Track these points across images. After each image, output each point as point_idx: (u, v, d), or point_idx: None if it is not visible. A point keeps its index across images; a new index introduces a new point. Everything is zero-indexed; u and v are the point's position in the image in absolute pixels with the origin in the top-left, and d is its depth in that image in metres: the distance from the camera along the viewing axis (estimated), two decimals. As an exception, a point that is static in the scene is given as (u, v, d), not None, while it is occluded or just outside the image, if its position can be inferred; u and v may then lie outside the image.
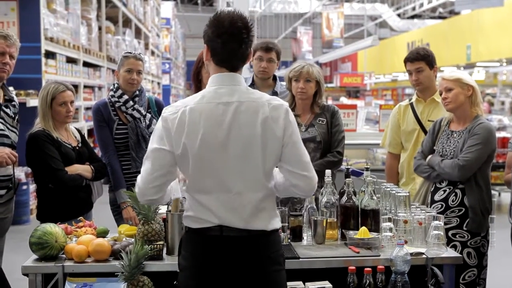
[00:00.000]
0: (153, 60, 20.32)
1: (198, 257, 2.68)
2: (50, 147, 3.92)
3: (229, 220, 2.63)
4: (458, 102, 3.89)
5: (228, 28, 2.63)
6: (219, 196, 2.63)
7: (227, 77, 2.69)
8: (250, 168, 2.63)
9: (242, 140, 2.61)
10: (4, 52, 3.89)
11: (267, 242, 2.69)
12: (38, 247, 3.17)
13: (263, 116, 2.61)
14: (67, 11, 10.06)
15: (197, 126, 2.59)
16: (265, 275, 2.67)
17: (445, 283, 3.17)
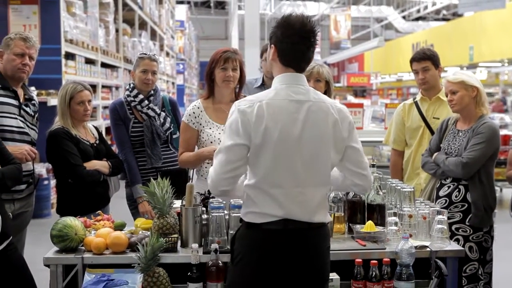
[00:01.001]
0: (168, 61, 20.35)
1: (258, 251, 2.66)
2: (69, 144, 3.93)
3: (295, 213, 2.64)
4: (463, 104, 3.89)
5: (299, 30, 2.64)
6: (290, 190, 2.63)
7: (296, 77, 2.70)
8: (321, 165, 2.67)
9: (316, 138, 2.63)
10: (23, 54, 3.91)
11: (325, 233, 2.76)
12: (59, 239, 3.18)
13: (333, 117, 2.66)
14: (86, 14, 10.09)
15: (275, 120, 2.59)
16: (324, 264, 2.74)
17: (448, 275, 3.15)
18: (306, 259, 2.68)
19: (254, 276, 2.68)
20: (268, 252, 2.65)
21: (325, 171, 2.70)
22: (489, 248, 3.96)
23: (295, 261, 2.66)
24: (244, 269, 2.71)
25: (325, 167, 2.69)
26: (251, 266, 2.68)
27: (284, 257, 2.65)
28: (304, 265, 2.68)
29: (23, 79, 4.01)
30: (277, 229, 2.63)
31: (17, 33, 4.02)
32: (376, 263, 3.11)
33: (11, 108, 3.87)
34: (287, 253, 2.65)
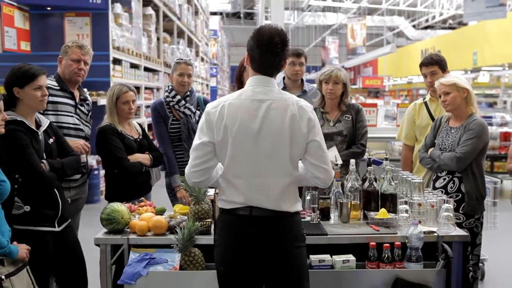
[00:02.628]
0: (202, 66, 20.41)
1: (230, 234, 2.68)
2: (115, 139, 3.96)
3: (257, 201, 2.62)
4: (455, 104, 3.87)
5: (266, 42, 2.62)
6: (250, 180, 2.62)
7: (263, 79, 2.68)
8: (280, 157, 2.62)
9: (272, 133, 2.60)
10: (79, 60, 3.95)
11: (292, 222, 2.68)
12: (107, 222, 3.22)
13: (291, 114, 2.61)
14: (131, 25, 10.16)
15: (234, 118, 2.59)
16: (290, 249, 2.66)
17: (453, 257, 3.13)
18: (271, 244, 2.63)
19: (226, 256, 2.68)
20: (237, 235, 2.65)
21: (284, 163, 2.63)
22: (479, 233, 3.95)
23: (262, 245, 2.63)
24: (219, 250, 2.72)
25: (284, 158, 2.62)
26: (224, 247, 2.69)
27: (251, 240, 2.63)
28: (270, 249, 2.63)
29: (79, 82, 4.04)
30: (244, 215, 2.63)
31: (74, 42, 4.05)
32: (388, 246, 3.10)
33: (69, 108, 3.91)
34: (254, 237, 2.62)
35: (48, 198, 3.27)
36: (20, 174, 3.18)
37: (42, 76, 3.28)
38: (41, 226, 3.23)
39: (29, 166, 3.16)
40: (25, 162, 3.15)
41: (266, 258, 2.64)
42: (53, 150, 3.36)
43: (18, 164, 3.15)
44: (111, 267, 3.16)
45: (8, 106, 3.18)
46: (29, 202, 3.19)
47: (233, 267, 2.67)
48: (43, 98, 3.28)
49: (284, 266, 2.65)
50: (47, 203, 3.26)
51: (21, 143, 3.15)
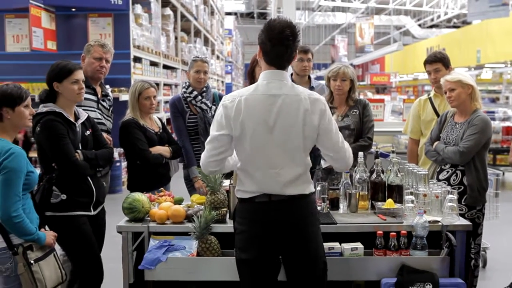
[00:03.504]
0: (218, 63, 20.41)
1: (250, 221, 2.68)
2: (138, 132, 3.98)
3: (273, 190, 2.62)
4: (460, 100, 3.84)
5: (277, 34, 2.59)
6: (267, 171, 2.62)
7: (276, 73, 2.66)
8: (292, 149, 2.62)
9: (286, 127, 2.59)
10: (101, 58, 3.97)
11: (306, 202, 2.70)
12: (129, 211, 3.24)
13: (304, 108, 2.60)
14: (151, 25, 10.18)
15: (251, 114, 2.59)
16: (306, 227, 2.68)
17: (457, 246, 3.11)
18: (290, 225, 2.65)
19: (247, 243, 2.69)
20: (256, 222, 2.66)
21: (297, 154, 2.64)
22: (480, 223, 3.92)
23: (279, 227, 2.64)
24: (239, 238, 2.73)
25: (297, 150, 2.63)
26: (244, 234, 2.70)
27: (269, 225, 2.64)
28: (288, 229, 2.65)
29: (101, 79, 4.07)
30: (261, 201, 2.63)
31: (96, 41, 4.08)
32: (395, 234, 3.09)
33: (91, 103, 3.94)
34: (271, 220, 2.63)
35: (82, 187, 3.30)
36: (56, 162, 3.21)
37: (79, 71, 3.32)
38: (77, 211, 3.28)
39: (64, 155, 3.19)
40: (60, 151, 3.19)
41: (284, 239, 2.65)
42: (89, 142, 3.40)
43: (54, 153, 3.19)
44: (133, 253, 3.18)
45: (49, 100, 3.27)
46: (65, 191, 3.23)
47: (253, 253, 2.67)
48: (80, 91, 3.32)
49: (302, 243, 2.67)
50: (82, 191, 3.30)
51: (58, 132, 3.19)
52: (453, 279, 3.05)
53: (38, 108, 3.26)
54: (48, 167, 3.25)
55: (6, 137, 2.86)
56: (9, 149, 2.76)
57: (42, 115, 3.23)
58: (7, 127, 2.88)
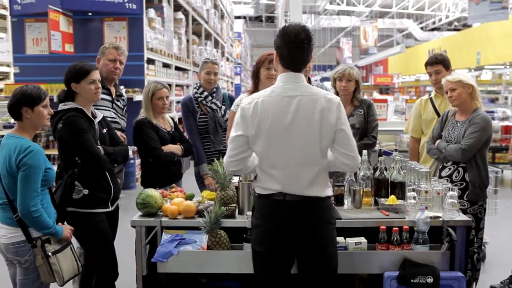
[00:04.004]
0: (227, 65, 20.41)
1: (267, 217, 2.67)
2: (151, 131, 3.98)
3: (290, 189, 2.60)
4: (461, 99, 3.82)
5: (293, 39, 2.59)
6: (284, 170, 2.60)
7: (292, 76, 2.65)
8: (309, 147, 2.60)
9: (303, 126, 2.57)
10: (115, 59, 3.98)
11: (321, 206, 2.66)
12: (142, 206, 3.25)
13: (320, 107, 2.58)
14: (163, 28, 10.19)
15: (267, 114, 2.57)
16: (319, 231, 2.65)
17: (457, 240, 3.09)
18: (302, 225, 2.62)
19: (263, 237, 2.67)
20: (273, 218, 2.64)
21: (314, 153, 2.61)
22: (482, 218, 3.90)
23: (294, 227, 2.61)
24: (256, 231, 2.71)
25: (314, 149, 2.60)
26: (260, 228, 2.68)
27: (285, 223, 2.62)
28: (302, 230, 2.62)
29: (115, 79, 4.08)
30: (278, 199, 2.61)
31: (110, 43, 4.09)
32: (397, 229, 3.08)
33: (106, 102, 3.95)
34: (287, 219, 2.61)
35: (101, 183, 3.31)
36: (79, 155, 3.22)
37: (95, 72, 3.33)
38: (97, 208, 3.30)
39: (87, 148, 3.20)
40: (84, 144, 3.19)
41: (299, 238, 2.63)
42: (106, 139, 3.41)
43: (77, 146, 3.20)
44: (146, 246, 3.18)
45: (67, 100, 3.29)
46: (87, 186, 3.24)
47: (268, 247, 2.66)
48: (96, 91, 3.32)
49: (316, 245, 2.65)
50: (102, 187, 3.31)
51: (81, 127, 3.20)
52: (453, 273, 3.03)
53: (58, 108, 3.28)
54: (69, 163, 3.25)
55: (25, 135, 2.88)
56: (28, 147, 2.78)
57: (63, 112, 3.24)
58: (26, 126, 2.89)
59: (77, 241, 3.37)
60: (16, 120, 2.90)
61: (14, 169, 2.75)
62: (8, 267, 3.00)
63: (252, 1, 31.80)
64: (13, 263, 2.92)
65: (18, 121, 2.89)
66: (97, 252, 3.33)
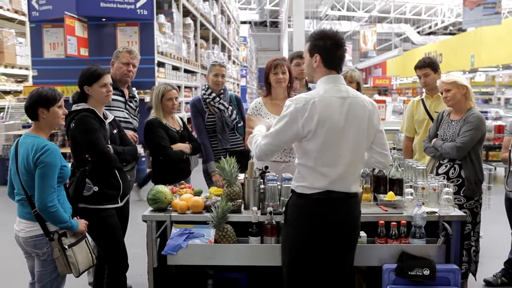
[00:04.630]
0: (234, 68, 20.40)
1: (306, 215, 2.61)
2: (161, 130, 3.98)
3: (337, 186, 2.58)
4: (455, 100, 3.80)
5: (337, 41, 2.60)
6: (336, 169, 2.56)
7: (338, 77, 2.64)
8: (360, 147, 2.62)
9: (355, 127, 2.57)
10: (129, 63, 3.98)
11: (357, 201, 2.71)
12: (153, 201, 3.24)
13: (368, 109, 2.61)
14: (173, 33, 10.20)
15: (325, 114, 2.52)
16: (356, 227, 2.69)
17: (452, 235, 3.08)
18: (345, 220, 2.62)
19: (304, 234, 2.63)
20: (314, 216, 2.60)
21: (362, 153, 2.66)
22: (478, 213, 3.88)
23: (334, 223, 2.60)
24: (296, 229, 2.65)
25: (362, 149, 2.65)
26: (301, 228, 2.63)
27: (325, 220, 2.59)
28: (341, 226, 2.62)
29: (128, 82, 4.08)
30: (321, 198, 2.58)
31: (124, 48, 4.09)
32: (395, 224, 3.07)
33: (119, 104, 3.95)
34: (327, 216, 2.59)
35: (111, 180, 3.30)
36: (90, 154, 3.22)
37: (107, 75, 3.32)
38: (107, 204, 3.29)
39: (97, 147, 3.20)
40: (94, 143, 3.19)
41: (337, 235, 2.61)
42: (116, 139, 3.40)
43: (88, 144, 3.19)
44: (156, 240, 3.19)
45: (81, 101, 3.30)
46: (97, 183, 3.24)
47: (306, 245, 2.61)
48: (108, 94, 3.32)
49: (354, 237, 2.70)
50: (111, 184, 3.30)
51: (92, 127, 3.20)
52: (449, 265, 3.02)
53: (72, 108, 3.28)
54: (81, 161, 3.25)
55: (42, 135, 2.88)
56: (45, 145, 2.78)
57: (76, 113, 3.25)
58: (42, 126, 2.89)
59: (89, 235, 3.37)
60: (33, 120, 2.90)
61: (31, 166, 2.76)
62: (26, 259, 3.01)
63: (257, 7, 31.76)
64: (31, 255, 2.93)
65: (34, 121, 2.90)
66: (107, 245, 3.33)
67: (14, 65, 12.75)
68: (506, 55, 15.78)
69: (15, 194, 2.89)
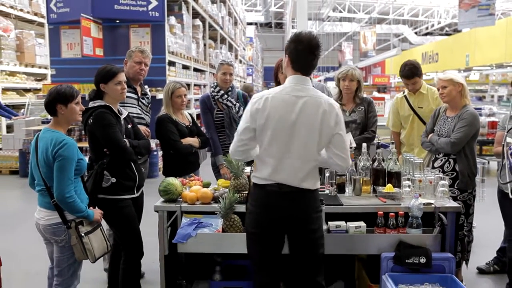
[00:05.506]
0: (240, 67, 20.38)
1: (261, 205, 2.65)
2: (171, 125, 3.98)
3: (286, 180, 2.58)
4: (451, 96, 3.77)
5: (307, 45, 2.56)
6: (282, 161, 2.57)
7: (302, 79, 2.61)
8: (309, 144, 2.57)
9: (306, 124, 2.54)
10: (141, 62, 3.98)
11: (313, 197, 2.64)
12: (164, 193, 3.25)
13: (323, 109, 2.55)
14: (183, 33, 10.19)
15: (275, 109, 2.55)
16: (309, 218, 2.63)
17: (448, 225, 3.07)
18: (295, 213, 2.60)
19: (257, 224, 2.66)
20: (266, 206, 2.62)
21: (311, 150, 2.57)
22: (472, 204, 3.86)
23: (286, 215, 2.60)
24: (251, 218, 2.69)
25: (312, 147, 2.57)
26: (255, 216, 2.66)
27: (277, 211, 2.60)
28: (293, 218, 2.61)
29: (141, 80, 4.08)
30: (274, 190, 2.58)
31: (136, 47, 4.09)
32: (393, 215, 3.06)
33: (132, 100, 3.95)
34: (280, 207, 2.59)
35: (127, 172, 3.31)
36: (108, 147, 3.22)
37: (121, 74, 3.32)
38: (124, 194, 3.30)
39: (114, 141, 3.20)
40: (112, 137, 3.19)
41: (291, 225, 2.63)
42: (131, 134, 3.41)
43: (106, 139, 3.20)
44: (167, 229, 3.20)
45: (97, 98, 3.30)
46: (114, 175, 3.25)
47: (262, 231, 2.66)
48: (122, 91, 3.32)
49: (305, 231, 2.64)
50: (127, 176, 3.31)
51: (109, 122, 3.20)
52: (444, 254, 3.01)
53: (88, 105, 3.28)
54: (99, 155, 3.26)
55: (60, 130, 2.89)
56: (63, 140, 2.79)
57: (93, 109, 3.25)
58: (61, 121, 2.90)
59: (107, 224, 3.39)
60: (52, 116, 2.91)
61: (50, 159, 2.77)
62: (46, 245, 3.03)
63: (262, 9, 31.66)
64: (50, 242, 2.95)
65: (53, 116, 2.90)
66: (124, 233, 3.34)
67: (34, 65, 12.79)
68: (499, 54, 15.65)
69: (36, 185, 2.90)
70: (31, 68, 12.79)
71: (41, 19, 12.94)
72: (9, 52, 11.84)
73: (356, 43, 31.39)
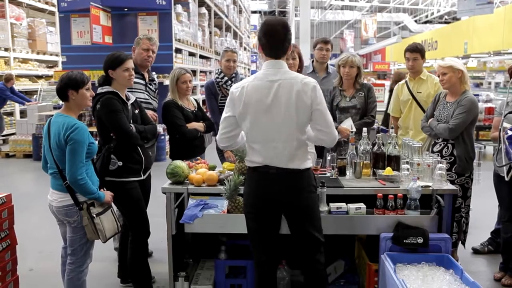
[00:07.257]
0: (245, 54, 20.28)
1: (254, 186, 2.66)
2: (176, 111, 3.96)
3: (272, 161, 2.58)
4: (451, 82, 3.72)
5: (271, 29, 2.54)
6: (265, 145, 2.57)
7: (274, 63, 2.58)
8: (287, 125, 2.54)
9: (281, 106, 2.52)
10: (148, 49, 3.96)
11: (303, 176, 2.61)
12: (171, 175, 3.26)
13: (296, 89, 2.51)
14: (189, 21, 10.12)
15: (252, 97, 2.55)
16: (300, 197, 2.62)
17: (445, 207, 3.06)
18: (286, 193, 2.60)
19: (253, 204, 2.68)
20: (259, 187, 2.64)
21: (291, 130, 2.55)
22: (469, 188, 3.85)
23: (279, 194, 2.60)
24: (247, 199, 2.72)
25: (291, 126, 2.54)
26: (251, 197, 2.69)
27: (270, 191, 2.61)
28: (285, 197, 2.60)
29: (148, 66, 4.06)
30: (264, 171, 2.59)
31: (144, 35, 4.07)
32: (392, 197, 3.06)
33: (140, 86, 3.94)
34: (272, 188, 2.60)
35: (134, 155, 3.31)
36: (115, 132, 3.22)
37: (129, 60, 3.31)
38: (130, 177, 3.30)
39: (121, 126, 3.20)
40: (118, 122, 3.19)
41: (284, 205, 2.63)
42: (138, 119, 3.40)
43: (112, 124, 3.20)
44: (175, 210, 3.21)
45: (105, 84, 3.29)
46: (121, 158, 3.25)
47: (257, 210, 2.68)
48: (130, 77, 3.31)
49: (298, 211, 2.64)
50: (134, 159, 3.31)
51: (115, 107, 3.20)
52: (441, 235, 3.01)
53: (97, 91, 3.28)
54: (106, 139, 3.27)
55: (71, 114, 2.88)
56: (74, 124, 2.79)
57: (101, 95, 3.25)
58: (72, 106, 2.90)
59: (114, 205, 3.40)
60: (63, 101, 2.91)
61: (62, 143, 2.77)
62: (59, 226, 3.05)
63: (266, -2, 31.38)
64: (63, 223, 2.97)
65: (65, 102, 2.90)
66: (130, 214, 3.36)
67: (45, 52, 12.77)
68: (497, 42, 15.49)
69: (48, 168, 2.91)
70: (43, 56, 12.77)
71: (51, 7, 12.87)
72: (21, 40, 11.81)
73: (357, 31, 31.15)
